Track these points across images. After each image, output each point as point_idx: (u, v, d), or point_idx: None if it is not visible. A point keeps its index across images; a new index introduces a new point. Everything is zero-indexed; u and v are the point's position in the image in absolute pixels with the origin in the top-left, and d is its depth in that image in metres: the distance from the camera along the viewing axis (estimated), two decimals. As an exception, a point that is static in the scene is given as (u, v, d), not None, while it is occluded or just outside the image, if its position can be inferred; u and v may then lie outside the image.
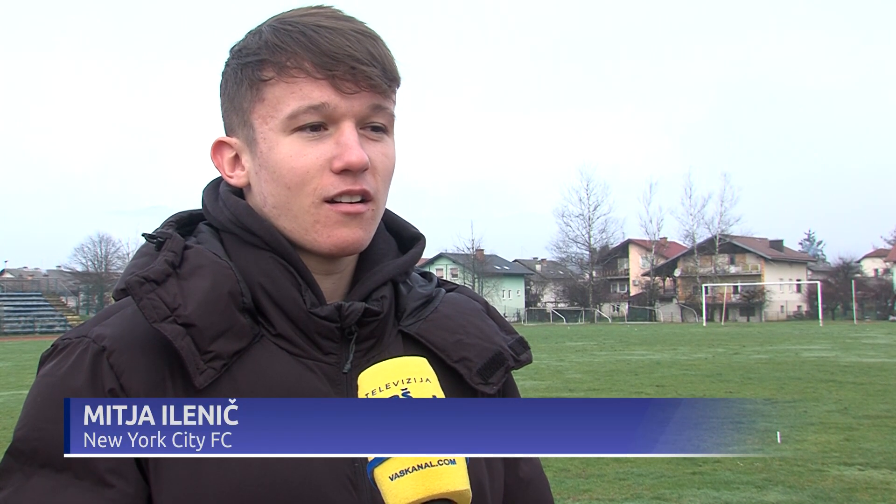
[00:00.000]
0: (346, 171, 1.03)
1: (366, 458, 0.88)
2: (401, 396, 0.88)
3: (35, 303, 67.42)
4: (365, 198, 1.06)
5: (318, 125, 1.04)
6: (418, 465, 0.85)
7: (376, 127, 1.07)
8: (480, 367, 1.14)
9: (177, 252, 1.05)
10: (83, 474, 0.95)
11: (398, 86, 1.09)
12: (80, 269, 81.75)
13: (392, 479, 0.85)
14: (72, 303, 76.10)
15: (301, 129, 1.04)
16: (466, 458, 0.89)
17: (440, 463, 0.85)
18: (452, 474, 0.86)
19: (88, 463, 0.94)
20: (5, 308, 63.82)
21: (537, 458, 1.26)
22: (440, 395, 0.91)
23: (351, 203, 1.05)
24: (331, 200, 1.05)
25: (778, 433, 9.97)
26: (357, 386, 0.93)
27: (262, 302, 1.06)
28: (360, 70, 1.03)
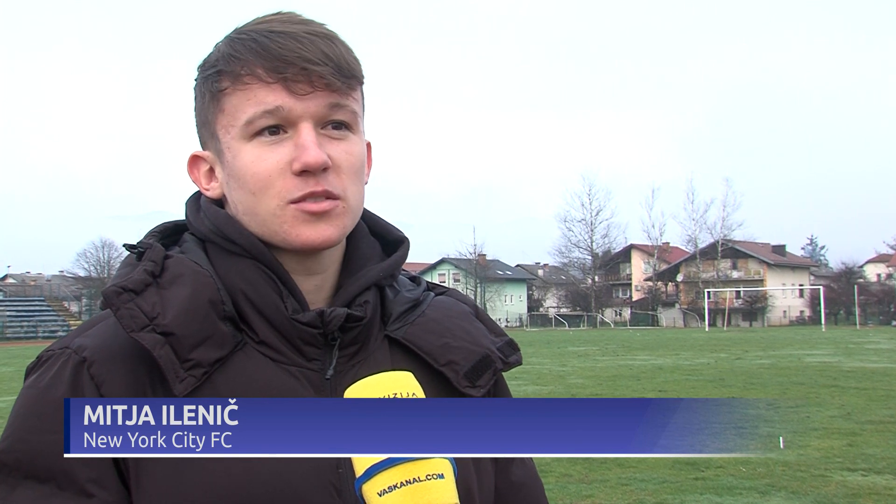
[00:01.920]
0: (306, 172, 1.04)
1: (352, 469, 0.88)
2: None
3: (38, 307, 67.49)
4: (329, 197, 1.05)
5: (275, 128, 1.04)
6: (407, 481, 0.85)
7: (338, 125, 1.07)
8: (467, 370, 1.13)
9: (157, 261, 1.05)
10: (66, 485, 0.95)
11: (359, 83, 1.09)
12: (82, 273, 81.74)
13: (381, 496, 0.86)
14: (74, 308, 76.03)
15: (259, 133, 1.04)
16: (455, 472, 0.89)
17: (428, 478, 0.86)
18: (441, 489, 0.86)
19: (70, 473, 0.95)
20: (8, 313, 63.87)
21: (531, 462, 1.25)
22: None
23: (315, 202, 1.05)
24: (295, 202, 1.05)
25: (781, 438, 9.94)
26: (341, 393, 0.93)
27: (244, 309, 1.07)
28: (312, 70, 1.03)
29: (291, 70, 1.02)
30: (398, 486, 0.85)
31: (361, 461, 0.87)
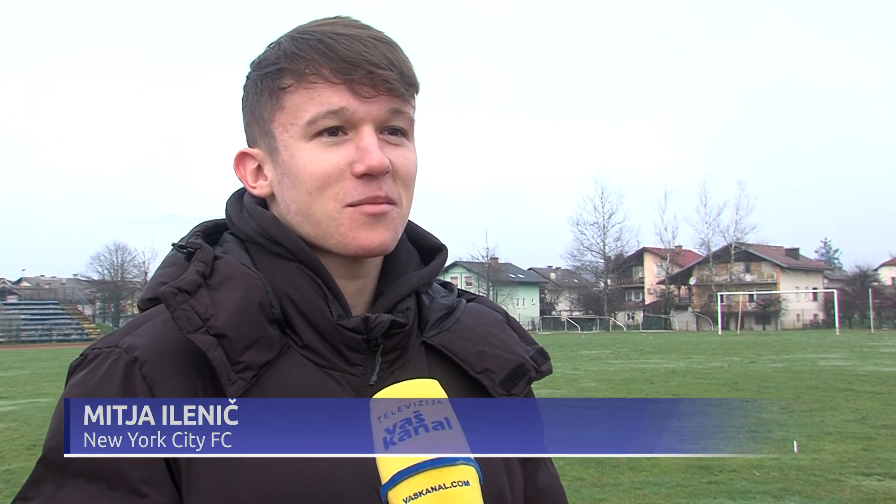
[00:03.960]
0: (368, 176, 1.03)
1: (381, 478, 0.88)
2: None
3: (52, 311, 67.92)
4: (387, 202, 1.06)
5: (337, 130, 1.04)
6: (432, 488, 0.85)
7: (395, 131, 1.07)
8: (503, 378, 1.13)
9: (207, 262, 1.05)
10: (116, 484, 0.94)
11: (417, 91, 1.09)
12: (96, 277, 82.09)
13: (406, 502, 0.85)
14: (88, 311, 76.53)
15: (320, 134, 1.04)
16: (480, 480, 0.89)
17: (454, 485, 0.85)
18: (466, 496, 0.86)
19: (121, 472, 0.94)
20: (23, 316, 64.32)
21: (554, 469, 1.26)
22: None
23: (374, 205, 1.05)
24: (353, 205, 1.04)
25: (795, 442, 9.89)
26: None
27: (290, 313, 1.06)
28: (377, 74, 1.03)
29: (358, 72, 1.02)
30: (423, 492, 0.85)
31: (387, 467, 0.87)
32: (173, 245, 1.10)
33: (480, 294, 1.29)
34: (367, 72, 1.03)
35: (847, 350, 32.59)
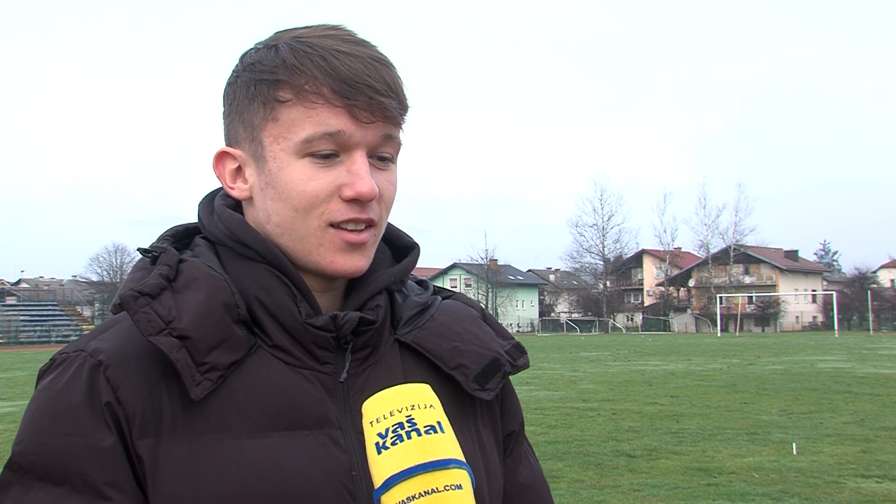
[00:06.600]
0: (355, 200, 1.05)
1: (370, 477, 0.89)
2: (405, 423, 0.89)
3: (51, 312, 67.77)
4: (369, 225, 1.07)
5: (329, 151, 1.05)
6: (425, 491, 0.85)
7: (383, 157, 1.08)
8: (477, 374, 1.14)
9: (171, 265, 1.06)
10: (82, 488, 0.95)
11: (407, 113, 1.10)
12: (95, 278, 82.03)
13: None
14: (87, 312, 76.30)
15: (313, 153, 1.05)
16: (473, 483, 0.90)
17: (447, 488, 0.86)
18: (459, 500, 0.86)
19: (87, 476, 0.96)
20: (22, 317, 64.19)
21: (537, 463, 1.27)
22: (444, 420, 0.91)
23: (356, 232, 1.06)
24: (336, 225, 1.05)
25: (794, 444, 9.89)
26: (359, 407, 0.94)
27: (258, 313, 1.07)
28: (377, 100, 1.04)
29: (360, 98, 1.03)
30: (416, 496, 0.85)
31: (380, 472, 0.87)
32: (139, 250, 1.11)
33: (458, 291, 1.30)
34: (369, 98, 1.03)
35: (846, 352, 32.60)
